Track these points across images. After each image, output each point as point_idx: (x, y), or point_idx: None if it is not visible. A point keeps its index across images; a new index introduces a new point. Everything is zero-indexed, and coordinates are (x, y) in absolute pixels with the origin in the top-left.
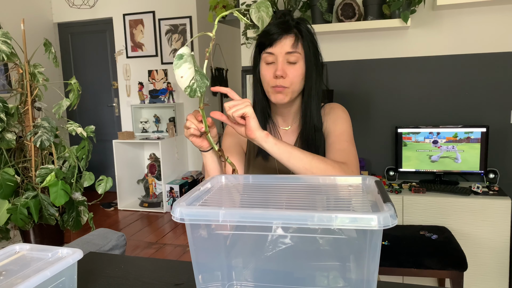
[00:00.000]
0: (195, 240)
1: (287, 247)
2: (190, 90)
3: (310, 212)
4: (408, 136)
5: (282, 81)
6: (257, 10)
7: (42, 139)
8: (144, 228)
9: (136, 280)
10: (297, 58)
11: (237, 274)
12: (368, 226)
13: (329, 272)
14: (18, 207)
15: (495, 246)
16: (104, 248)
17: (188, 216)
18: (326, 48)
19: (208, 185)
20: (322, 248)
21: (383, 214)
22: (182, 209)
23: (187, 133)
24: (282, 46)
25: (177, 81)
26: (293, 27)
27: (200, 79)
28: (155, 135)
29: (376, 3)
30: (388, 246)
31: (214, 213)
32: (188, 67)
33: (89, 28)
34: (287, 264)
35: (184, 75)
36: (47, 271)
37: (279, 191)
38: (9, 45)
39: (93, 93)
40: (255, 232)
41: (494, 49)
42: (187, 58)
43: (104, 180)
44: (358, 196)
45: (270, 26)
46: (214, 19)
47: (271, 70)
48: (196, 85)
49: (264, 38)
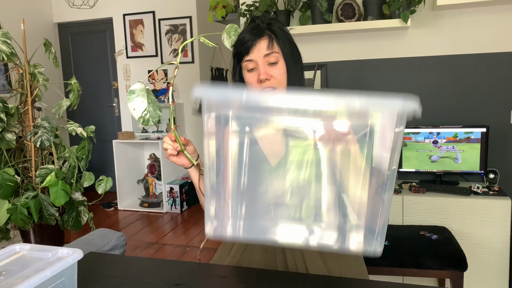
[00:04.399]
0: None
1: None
2: (143, 120)
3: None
4: (408, 136)
5: (269, 83)
6: (228, 36)
7: (42, 139)
8: (144, 228)
9: (136, 280)
10: (276, 57)
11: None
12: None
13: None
14: (18, 207)
15: (495, 246)
16: (104, 248)
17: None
18: (326, 48)
19: None
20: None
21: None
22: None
23: (166, 154)
24: (259, 50)
25: (131, 112)
26: (264, 29)
27: (153, 110)
28: (155, 135)
29: (376, 3)
30: (388, 246)
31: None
32: (141, 101)
33: (89, 28)
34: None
35: (136, 108)
36: (47, 271)
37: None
38: (9, 45)
39: (93, 93)
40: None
41: (494, 49)
42: (139, 93)
43: (104, 180)
44: None
45: (243, 33)
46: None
47: (255, 76)
48: (149, 115)
49: (239, 47)
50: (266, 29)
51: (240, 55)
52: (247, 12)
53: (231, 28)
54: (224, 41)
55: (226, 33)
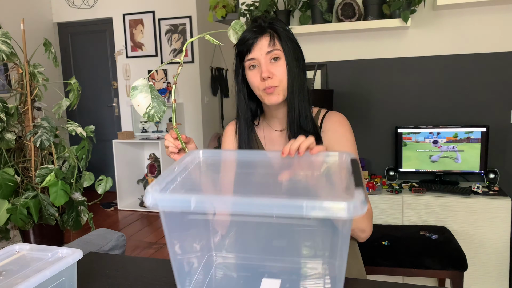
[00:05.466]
0: (170, 224)
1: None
2: (148, 116)
3: (279, 199)
4: (408, 136)
5: (271, 81)
6: (234, 32)
7: (42, 139)
8: (144, 228)
9: (136, 280)
10: (278, 55)
11: (216, 244)
12: (337, 216)
13: (304, 248)
14: (18, 207)
15: (495, 246)
16: (104, 248)
17: (162, 203)
18: (326, 48)
19: (186, 162)
20: (295, 229)
21: (352, 202)
22: (155, 195)
23: (167, 151)
24: (260, 47)
25: (135, 109)
26: (266, 28)
27: (157, 105)
28: (155, 135)
29: (376, 3)
30: (388, 246)
31: (186, 199)
32: (144, 96)
33: (89, 28)
34: (267, 236)
35: (141, 103)
36: (47, 271)
37: (258, 169)
38: (9, 45)
39: (93, 93)
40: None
41: (494, 49)
42: (143, 89)
43: (104, 180)
44: (331, 175)
45: (245, 33)
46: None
47: (257, 74)
48: (154, 111)
49: (241, 46)
50: (267, 28)
51: (242, 54)
52: (247, 12)
53: (236, 24)
54: (230, 37)
55: (232, 29)
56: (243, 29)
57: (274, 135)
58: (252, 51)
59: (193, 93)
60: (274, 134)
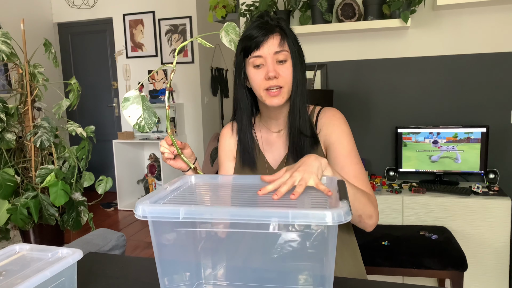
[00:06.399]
0: (158, 238)
1: (252, 245)
2: (138, 127)
3: (266, 209)
4: (408, 136)
5: (276, 81)
6: (226, 34)
7: (42, 139)
8: (144, 228)
9: (136, 280)
10: (285, 56)
11: (206, 273)
12: (322, 222)
13: (294, 269)
14: (18, 207)
15: (495, 246)
16: (104, 248)
17: (151, 213)
18: (326, 48)
19: (177, 185)
20: (284, 245)
21: (337, 211)
22: (144, 206)
23: (163, 158)
24: (270, 46)
25: (126, 120)
26: (275, 26)
27: (148, 116)
28: (155, 135)
29: (376, 3)
30: (388, 246)
31: (175, 210)
32: (136, 108)
33: (89, 28)
34: (256, 263)
35: (132, 115)
36: (47, 271)
37: (245, 190)
38: (9, 45)
39: (93, 93)
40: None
41: (494, 49)
42: (134, 100)
43: (104, 180)
44: (318, 194)
45: (252, 30)
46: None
47: (261, 73)
48: (144, 122)
49: (248, 41)
50: (276, 26)
51: (248, 50)
52: (247, 12)
53: (229, 26)
54: (223, 39)
55: (224, 31)
56: (235, 31)
57: (271, 137)
58: (261, 48)
59: (193, 93)
60: (272, 136)
